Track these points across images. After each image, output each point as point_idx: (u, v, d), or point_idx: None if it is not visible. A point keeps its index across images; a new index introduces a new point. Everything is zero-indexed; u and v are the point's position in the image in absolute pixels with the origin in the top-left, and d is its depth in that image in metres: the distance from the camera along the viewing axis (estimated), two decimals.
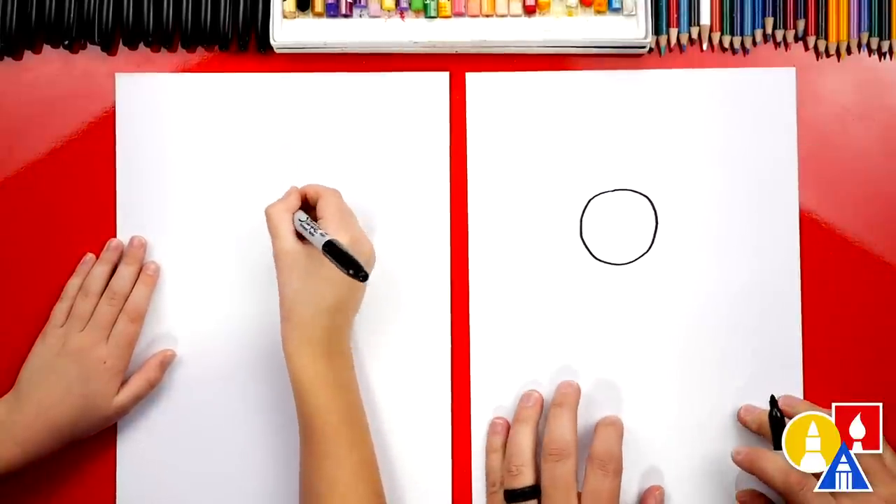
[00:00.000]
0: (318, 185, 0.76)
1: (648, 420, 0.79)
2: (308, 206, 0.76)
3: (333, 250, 0.68)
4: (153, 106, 0.81)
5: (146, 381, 0.79)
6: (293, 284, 0.73)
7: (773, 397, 0.75)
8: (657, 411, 0.79)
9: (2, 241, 0.81)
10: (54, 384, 0.76)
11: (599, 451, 0.74)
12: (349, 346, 0.77)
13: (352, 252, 0.68)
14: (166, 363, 0.80)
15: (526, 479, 0.75)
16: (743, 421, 0.78)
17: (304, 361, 0.73)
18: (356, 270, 0.67)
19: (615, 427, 0.76)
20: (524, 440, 0.76)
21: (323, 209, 0.74)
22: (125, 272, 0.79)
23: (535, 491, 0.74)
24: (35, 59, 0.82)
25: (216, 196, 0.81)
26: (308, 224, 0.72)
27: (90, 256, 0.80)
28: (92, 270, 0.80)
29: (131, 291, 0.79)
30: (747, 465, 0.74)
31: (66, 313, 0.79)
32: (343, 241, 0.70)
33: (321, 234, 0.70)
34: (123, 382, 0.78)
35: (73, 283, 0.80)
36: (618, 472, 0.74)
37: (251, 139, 0.81)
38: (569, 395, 0.77)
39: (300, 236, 0.73)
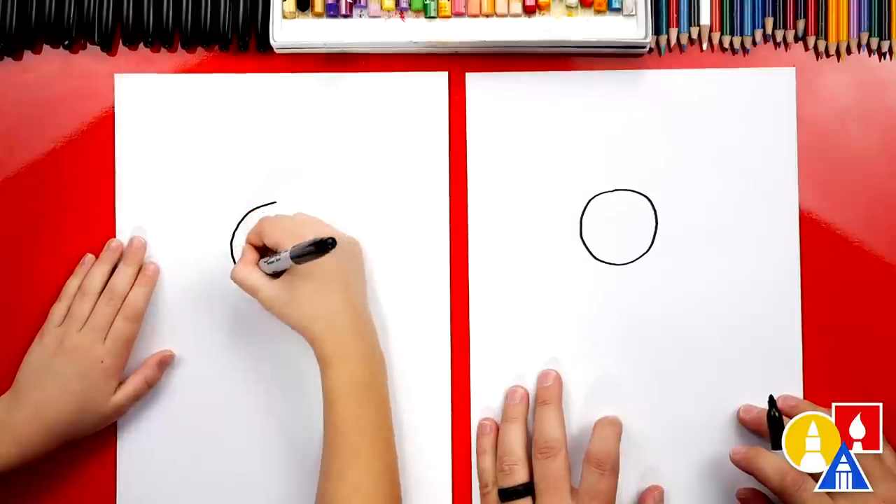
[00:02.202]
0: (254, 226, 0.77)
1: (648, 420, 0.79)
2: (267, 248, 0.77)
3: (300, 253, 0.69)
4: (152, 106, 0.81)
5: (144, 381, 0.79)
6: (295, 316, 0.74)
7: (771, 397, 0.75)
8: (657, 411, 0.79)
9: (1, 241, 0.81)
10: (51, 384, 0.76)
11: (596, 451, 0.74)
12: (371, 320, 0.77)
13: (308, 240, 0.68)
14: (165, 363, 0.80)
15: (519, 477, 0.75)
16: (742, 420, 0.78)
17: (339, 367, 0.72)
18: (322, 244, 0.67)
19: (613, 427, 0.76)
20: (514, 438, 0.76)
21: (272, 238, 0.74)
22: (124, 272, 0.79)
23: (528, 489, 0.74)
24: (35, 59, 0.82)
25: (216, 196, 0.81)
26: (270, 259, 0.73)
27: (89, 257, 0.80)
28: (91, 271, 0.80)
29: (130, 291, 0.79)
30: (744, 465, 0.74)
31: (64, 313, 0.79)
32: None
33: (284, 252, 0.71)
34: (121, 382, 0.78)
35: (72, 283, 0.80)
36: (614, 470, 0.74)
37: (251, 139, 0.81)
38: (551, 390, 0.77)
39: (277, 275, 0.74)
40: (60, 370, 0.76)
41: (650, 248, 0.80)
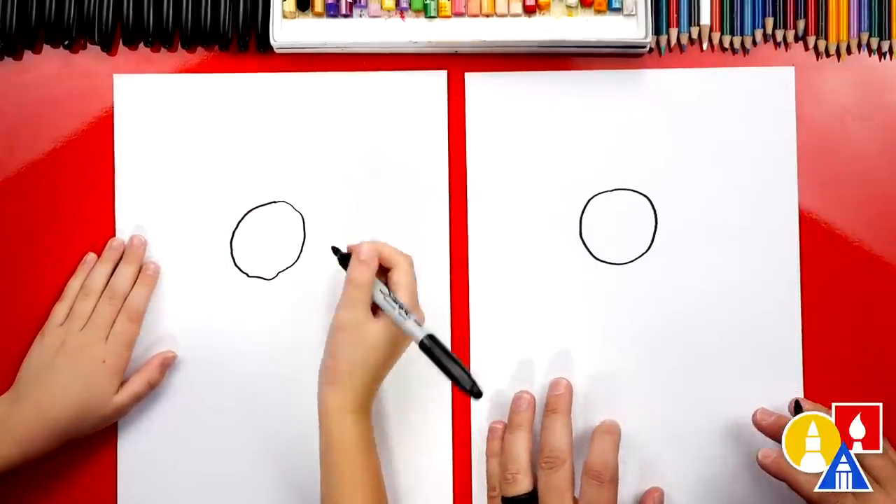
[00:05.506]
0: (394, 248, 0.74)
1: (647, 420, 0.79)
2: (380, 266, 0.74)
3: (433, 350, 0.68)
4: (152, 107, 0.81)
5: (146, 382, 0.79)
6: (354, 356, 0.71)
7: (797, 402, 0.74)
8: (656, 410, 0.79)
9: (1, 241, 0.81)
10: (53, 383, 0.76)
11: (595, 462, 0.74)
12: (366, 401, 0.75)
13: (459, 360, 0.68)
14: (167, 364, 0.80)
15: (522, 487, 0.74)
16: (758, 425, 0.76)
17: (347, 425, 0.71)
18: (470, 387, 0.67)
19: (611, 435, 0.75)
20: (519, 447, 0.76)
21: (398, 280, 0.72)
22: (125, 271, 0.79)
23: (532, 497, 0.74)
24: (35, 59, 0.82)
25: (215, 196, 0.81)
26: (395, 304, 0.70)
27: (91, 256, 0.80)
28: (93, 270, 0.80)
29: (131, 291, 0.79)
30: (775, 470, 0.72)
31: (66, 313, 0.79)
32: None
33: (415, 322, 0.69)
34: (123, 382, 0.78)
35: (74, 283, 0.80)
36: (613, 480, 0.73)
37: (251, 139, 0.81)
38: (561, 399, 0.77)
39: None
40: (62, 370, 0.76)
41: (650, 247, 0.80)
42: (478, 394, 0.67)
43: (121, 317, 0.78)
